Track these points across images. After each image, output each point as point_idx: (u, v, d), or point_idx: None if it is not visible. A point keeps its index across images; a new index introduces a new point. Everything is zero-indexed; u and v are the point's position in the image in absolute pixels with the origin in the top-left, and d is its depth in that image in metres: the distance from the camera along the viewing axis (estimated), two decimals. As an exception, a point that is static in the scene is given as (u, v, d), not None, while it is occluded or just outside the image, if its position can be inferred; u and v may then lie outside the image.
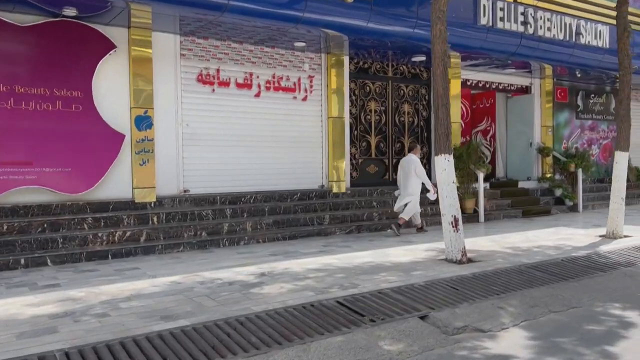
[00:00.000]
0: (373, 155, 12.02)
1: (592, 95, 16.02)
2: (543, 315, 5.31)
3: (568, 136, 15.40)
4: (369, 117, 11.92)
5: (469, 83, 13.61)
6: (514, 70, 13.59)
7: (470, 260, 7.38)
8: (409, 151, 10.45)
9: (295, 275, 6.48)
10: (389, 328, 4.80)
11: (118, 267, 7.08)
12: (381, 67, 12.08)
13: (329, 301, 5.38)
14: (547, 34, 11.75)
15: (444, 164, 7.48)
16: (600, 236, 9.46)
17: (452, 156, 7.53)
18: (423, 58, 11.89)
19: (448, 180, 7.48)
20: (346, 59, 11.22)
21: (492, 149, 13.41)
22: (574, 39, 12.27)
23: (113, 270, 6.84)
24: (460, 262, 7.26)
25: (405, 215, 9.84)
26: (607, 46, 13.03)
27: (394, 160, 12.36)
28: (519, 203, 13.02)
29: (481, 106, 13.52)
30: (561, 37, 12.00)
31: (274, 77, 10.37)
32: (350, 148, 11.63)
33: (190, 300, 5.39)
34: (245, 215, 9.40)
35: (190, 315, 4.88)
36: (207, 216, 9.02)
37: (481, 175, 11.84)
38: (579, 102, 15.69)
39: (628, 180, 16.66)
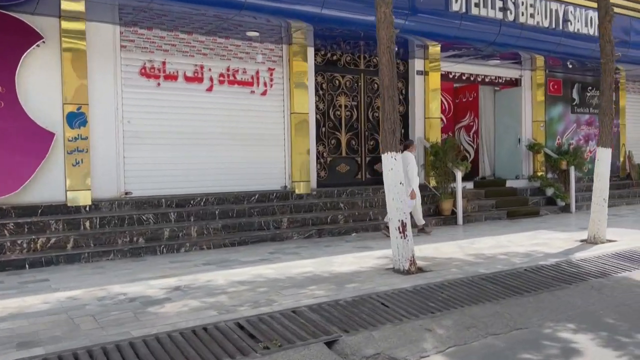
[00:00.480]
0: (344, 154, 11.26)
1: (590, 87, 15.04)
2: (477, 339, 4.53)
3: (562, 132, 14.46)
4: (338, 112, 11.16)
5: (451, 76, 12.76)
6: (500, 61, 12.72)
7: (420, 270, 6.61)
8: (405, 148, 9.59)
9: (212, 290, 5.77)
10: (282, 357, 4.06)
11: (27, 278, 6.43)
12: (352, 59, 11.31)
13: (229, 323, 4.65)
14: (531, 21, 10.86)
15: (391, 163, 6.72)
16: (581, 241, 8.59)
17: (400, 154, 6.76)
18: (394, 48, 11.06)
19: (395, 181, 6.71)
20: (310, 51, 10.48)
21: (475, 146, 12.55)
22: (561, 27, 11.36)
23: (17, 283, 6.20)
24: (407, 273, 6.49)
25: (419, 221, 9.49)
26: (600, 34, 12.08)
27: (367, 159, 11.59)
28: (504, 204, 12.15)
29: (464, 100, 12.68)
30: (546, 24, 11.10)
31: (228, 70, 9.67)
32: (318, 146, 10.88)
33: (69, 322, 4.70)
34: (192, 220, 8.71)
35: (54, 342, 4.19)
36: (147, 220, 8.35)
37: (459, 174, 11.00)
38: (575, 96, 14.73)
39: (630, 179, 15.72)
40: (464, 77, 13.00)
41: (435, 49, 11.74)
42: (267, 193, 9.85)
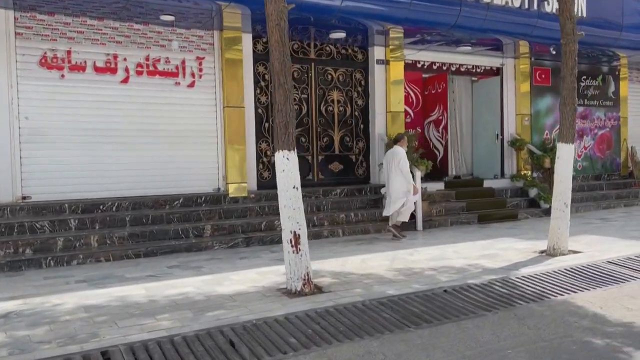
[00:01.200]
0: (291, 152, 10.16)
1: (584, 77, 13.61)
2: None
3: (551, 126, 13.08)
4: (284, 106, 10.08)
5: (419, 65, 11.55)
6: (473, 48, 11.45)
7: (317, 290, 5.55)
8: (394, 142, 8.98)
9: (43, 318, 4.80)
10: None
11: None
12: (300, 47, 10.23)
13: (5, 368, 3.68)
14: (498, 1, 9.61)
15: (283, 164, 5.66)
16: (540, 252, 7.37)
17: (294, 153, 5.69)
18: (342, 34, 9.99)
19: (288, 185, 5.65)
20: (247, 37, 9.44)
21: (444, 142, 11.33)
22: (536, 7, 10.06)
23: None
24: (299, 294, 5.43)
25: (403, 217, 8.89)
26: (585, 15, 10.76)
27: (320, 158, 10.49)
28: (477, 206, 10.91)
29: (433, 92, 11.46)
30: (517, 3, 9.82)
31: (147, 60, 8.71)
32: (260, 143, 9.84)
33: None
34: (96, 227, 7.78)
35: None
36: (42, 229, 7.45)
37: (418, 174, 9.82)
38: (566, 86, 13.29)
39: (632, 177, 14.23)
40: (434, 67, 11.76)
41: (397, 34, 10.59)
42: (195, 196, 8.86)
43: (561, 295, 5.50)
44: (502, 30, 10.13)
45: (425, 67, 11.67)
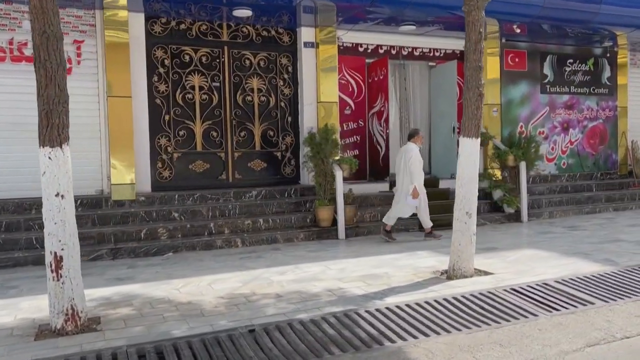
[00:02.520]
0: (199, 148, 8.95)
1: (570, 60, 11.79)
2: None
3: (527, 117, 11.35)
4: (190, 96, 8.87)
5: (362, 49, 10.10)
6: (415, 27, 9.85)
7: (89, 328, 4.30)
8: (409, 138, 8.13)
9: None
10: None
11: None
12: (209, 28, 8.96)
13: None
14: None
15: (44, 164, 4.43)
16: (442, 273, 5.89)
17: (62, 150, 4.46)
18: (249, 12, 8.65)
19: (50, 192, 4.45)
20: (137, 17, 8.26)
21: (385, 137, 9.81)
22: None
23: None
24: (60, 333, 4.20)
25: (424, 223, 8.18)
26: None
27: (237, 155, 9.21)
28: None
29: (376, 80, 9.96)
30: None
31: (11, 44, 7.66)
32: (159, 138, 8.66)
33: None
34: None
35: None
36: None
37: (339, 173, 8.42)
38: (547, 71, 11.54)
39: (632, 176, 12.28)
40: (381, 51, 10.27)
41: (328, 13, 9.18)
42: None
43: (403, 339, 4.06)
44: (442, 4, 8.57)
45: (370, 51, 10.19)
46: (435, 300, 4.89)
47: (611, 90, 12.26)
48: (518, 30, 10.78)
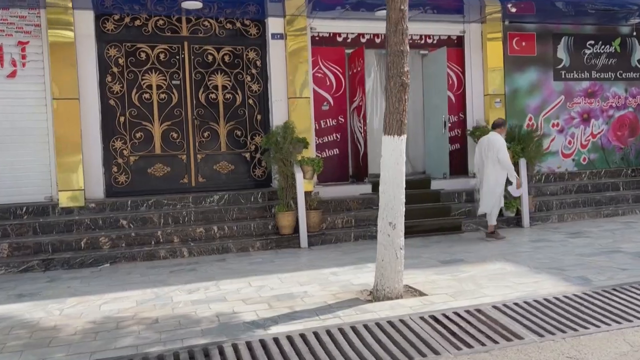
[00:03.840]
0: (159, 151, 8.44)
1: (591, 41, 10.39)
2: None
3: (537, 108, 10.08)
4: (147, 95, 8.37)
5: (341, 38, 9.25)
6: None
7: None
8: (493, 128, 7.72)
9: None
10: None
11: None
12: (167, 23, 8.42)
13: None
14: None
15: None
16: (370, 292, 5.03)
17: None
18: (199, 4, 8.01)
19: None
20: (86, 15, 7.84)
21: (363, 134, 8.87)
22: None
23: None
24: None
25: (491, 221, 7.70)
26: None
27: (200, 157, 8.64)
28: (407, 215, 8.40)
29: (355, 72, 9.06)
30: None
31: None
32: (114, 141, 8.22)
33: None
34: None
35: None
36: None
37: (299, 176, 7.66)
38: (562, 54, 10.21)
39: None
40: (363, 40, 9.37)
41: (296, 0, 8.43)
42: (15, 207, 7.45)
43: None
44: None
45: (350, 40, 9.32)
46: (328, 331, 4.06)
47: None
48: (523, 11, 9.55)
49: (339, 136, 9.28)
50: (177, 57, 8.47)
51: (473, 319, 4.24)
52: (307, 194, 8.03)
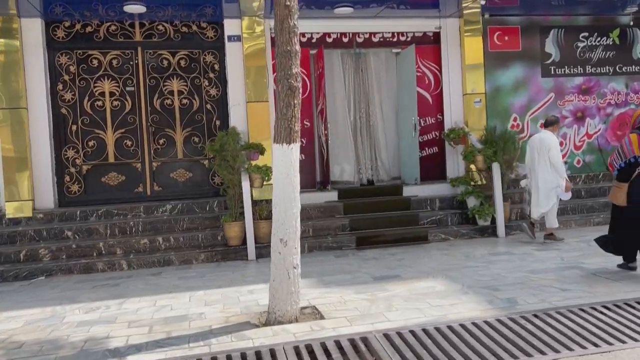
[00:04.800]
0: (112, 159, 8.24)
1: (585, 33, 9.56)
2: None
3: (523, 108, 9.35)
4: (100, 103, 8.19)
5: (305, 38, 8.81)
6: (352, 10, 8.32)
7: None
8: (546, 126, 7.35)
9: None
10: None
11: None
12: (120, 28, 8.22)
13: None
14: None
15: None
16: (264, 314, 4.60)
17: None
18: (142, 9, 7.74)
19: None
20: (33, 23, 7.72)
21: (324, 138, 8.37)
22: None
23: None
24: None
25: (550, 223, 7.30)
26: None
27: (155, 165, 8.39)
28: (370, 224, 7.98)
29: (318, 73, 8.58)
30: None
31: None
32: (66, 150, 8.08)
33: None
34: None
35: None
36: None
37: (245, 184, 7.29)
38: (551, 48, 9.44)
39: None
40: (329, 39, 8.91)
41: (252, 1, 8.07)
42: (-44, 219, 7.41)
43: None
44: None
45: (315, 40, 8.88)
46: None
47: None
48: (505, 2, 8.86)
49: (304, 141, 8.83)
50: (131, 63, 8.26)
51: (350, 350, 3.76)
52: (259, 202, 7.66)
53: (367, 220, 8.06)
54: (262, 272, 6.40)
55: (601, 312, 4.25)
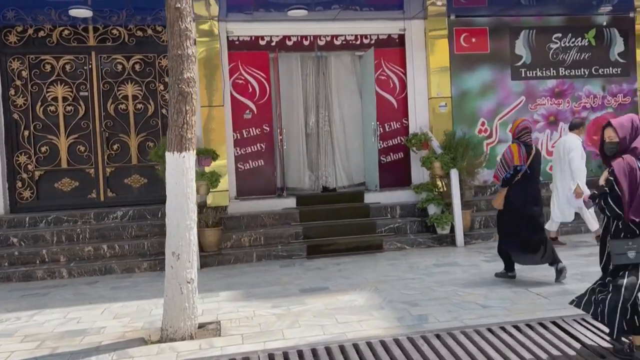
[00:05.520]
0: (65, 165, 8.15)
1: (558, 34, 9.20)
2: None
3: (492, 112, 9.02)
4: (53, 108, 8.11)
5: (264, 42, 8.62)
6: (306, 12, 8.10)
7: None
8: (570, 129, 7.10)
9: None
10: None
11: None
12: (72, 33, 8.13)
13: None
14: None
15: None
16: (160, 330, 4.41)
17: None
18: (88, 13, 7.63)
19: None
20: (-18, 28, 7.69)
21: (280, 144, 8.14)
22: None
23: None
24: None
25: (591, 224, 6.99)
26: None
27: (109, 171, 8.28)
28: (324, 232, 7.76)
29: (277, 77, 8.38)
30: None
31: None
32: (18, 156, 8.02)
33: None
34: None
35: None
36: None
37: (193, 194, 7.10)
38: (521, 50, 9.10)
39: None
40: (289, 42, 8.70)
41: (205, 3, 7.92)
42: None
43: None
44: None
45: (275, 44, 8.68)
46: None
47: (626, 68, 9.38)
48: (472, 3, 8.57)
49: (263, 146, 8.65)
50: (84, 67, 8.17)
51: (223, 372, 3.56)
52: (207, 209, 7.50)
53: (323, 228, 7.84)
54: (208, 283, 6.20)
55: (509, 333, 3.98)
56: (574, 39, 9.22)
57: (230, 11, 8.07)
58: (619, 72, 9.37)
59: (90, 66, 8.19)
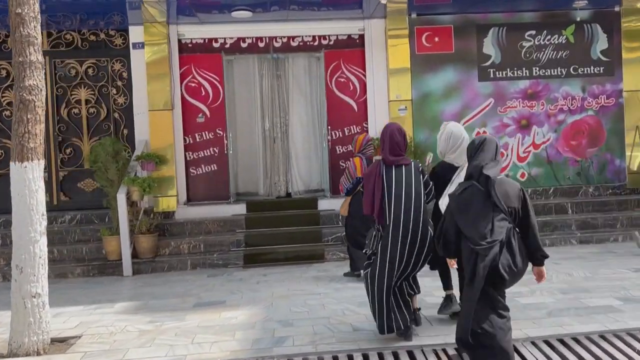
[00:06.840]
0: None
1: (532, 31, 8.59)
2: None
3: (457, 115, 8.47)
4: (7, 113, 8.22)
5: (217, 44, 8.46)
6: (251, 14, 7.86)
7: None
8: None
9: None
10: None
11: None
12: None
13: None
14: None
15: None
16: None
17: None
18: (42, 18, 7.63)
19: None
20: None
21: (225, 149, 7.91)
22: None
23: None
24: None
25: None
26: None
27: (63, 175, 8.35)
28: (267, 239, 7.56)
29: (230, 79, 8.17)
30: None
31: None
32: (-31, 160, 8.20)
33: None
34: None
35: None
36: None
37: (121, 197, 7.05)
38: (490, 49, 8.55)
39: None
40: (244, 44, 8.49)
41: (155, 6, 7.85)
42: None
43: None
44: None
45: (229, 46, 8.49)
46: None
47: (610, 67, 8.67)
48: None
49: (216, 150, 8.49)
50: (38, 72, 8.24)
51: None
52: (143, 215, 7.42)
53: (266, 236, 7.62)
54: (120, 292, 6.16)
55: (352, 363, 3.66)
56: (549, 36, 8.59)
57: (179, 14, 7.96)
58: (601, 71, 8.67)
59: (44, 70, 8.25)
